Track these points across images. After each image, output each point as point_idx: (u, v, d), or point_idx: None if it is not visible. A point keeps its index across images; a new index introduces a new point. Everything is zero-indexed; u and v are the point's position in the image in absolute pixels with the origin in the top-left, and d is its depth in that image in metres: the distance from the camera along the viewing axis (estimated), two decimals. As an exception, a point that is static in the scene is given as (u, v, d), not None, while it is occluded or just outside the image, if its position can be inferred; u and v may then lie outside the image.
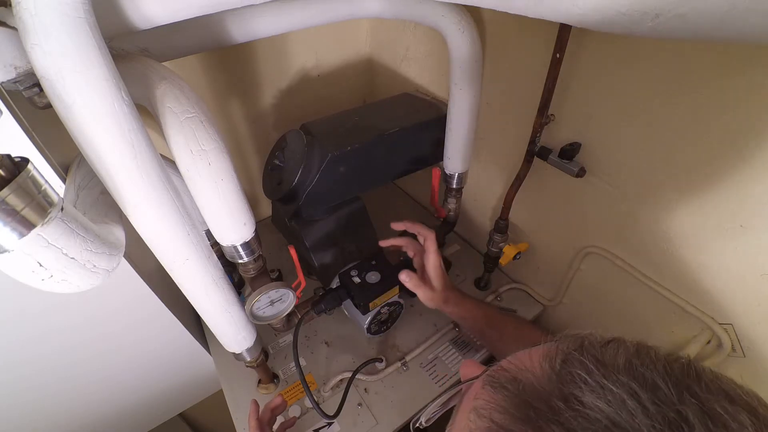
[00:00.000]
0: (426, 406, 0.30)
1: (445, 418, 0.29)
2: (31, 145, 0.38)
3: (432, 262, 0.63)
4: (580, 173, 0.57)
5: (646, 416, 0.18)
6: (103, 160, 0.30)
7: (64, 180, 0.41)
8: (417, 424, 0.31)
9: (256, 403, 0.56)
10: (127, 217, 0.35)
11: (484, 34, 0.64)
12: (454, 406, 0.28)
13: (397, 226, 0.67)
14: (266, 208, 1.03)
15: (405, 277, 0.63)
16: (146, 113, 0.37)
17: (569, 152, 0.57)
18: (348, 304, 0.69)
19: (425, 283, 0.64)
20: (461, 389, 0.28)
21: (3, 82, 0.32)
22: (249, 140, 0.91)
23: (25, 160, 0.25)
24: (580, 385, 0.20)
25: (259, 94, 0.86)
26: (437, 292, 0.63)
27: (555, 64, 0.53)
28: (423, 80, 0.83)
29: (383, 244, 0.69)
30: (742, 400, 0.19)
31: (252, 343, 0.58)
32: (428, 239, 0.64)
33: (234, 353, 0.58)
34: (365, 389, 0.68)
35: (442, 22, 0.54)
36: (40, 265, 0.27)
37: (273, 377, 0.69)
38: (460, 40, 0.56)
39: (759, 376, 0.51)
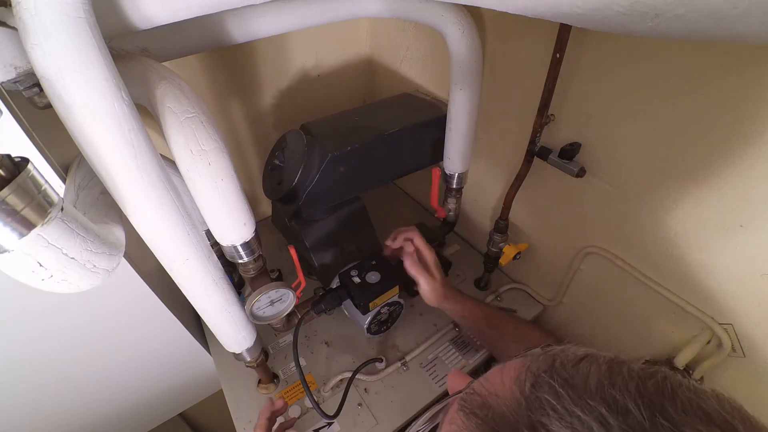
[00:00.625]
0: (414, 421, 0.30)
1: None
2: (31, 145, 0.38)
3: (427, 256, 0.65)
4: (580, 173, 0.57)
5: None
6: (103, 160, 0.30)
7: (64, 180, 0.41)
8: None
9: (271, 402, 0.56)
10: (127, 217, 0.35)
11: (484, 34, 0.64)
12: (439, 422, 0.28)
13: (391, 246, 0.69)
14: (266, 208, 1.03)
15: (408, 262, 0.64)
16: (146, 113, 0.37)
17: (569, 152, 0.57)
18: (348, 304, 0.69)
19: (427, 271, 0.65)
20: (448, 403, 0.28)
21: (3, 82, 0.32)
22: (249, 140, 0.91)
23: (25, 160, 0.25)
24: (548, 412, 0.19)
25: (259, 94, 0.86)
26: (438, 282, 0.64)
27: (555, 64, 0.53)
28: (423, 80, 0.83)
29: (386, 252, 0.71)
30: (720, 417, 0.18)
31: (252, 343, 0.58)
32: (414, 238, 0.66)
33: (234, 353, 0.58)
34: (365, 389, 0.68)
35: (441, 22, 0.54)
36: (40, 265, 0.27)
37: (273, 377, 0.69)
38: (460, 40, 0.56)
39: (759, 376, 0.51)
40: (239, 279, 0.77)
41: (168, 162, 0.43)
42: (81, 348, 0.65)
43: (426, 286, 0.64)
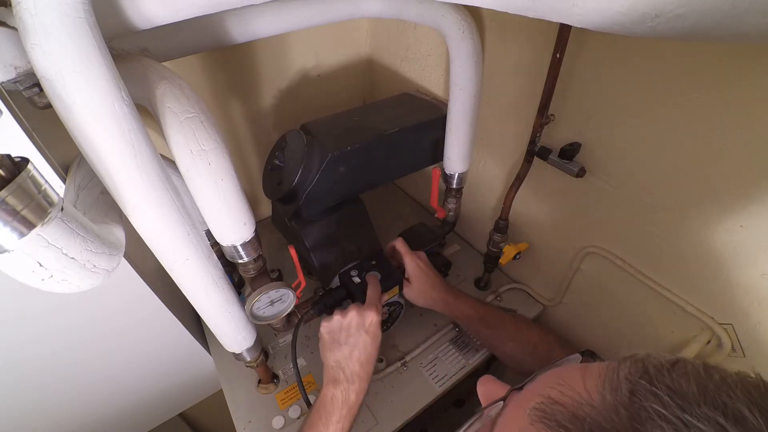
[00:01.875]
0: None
1: None
2: (31, 145, 0.38)
3: (406, 263, 0.67)
4: (580, 173, 0.57)
5: None
6: (103, 160, 0.30)
7: (64, 180, 0.41)
8: None
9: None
10: (127, 217, 0.35)
11: (484, 34, 0.64)
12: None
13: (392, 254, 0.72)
14: (266, 208, 1.03)
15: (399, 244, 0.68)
16: (146, 113, 0.37)
17: (569, 152, 0.57)
18: (348, 304, 0.69)
19: (406, 282, 0.67)
20: (483, 414, 0.26)
21: (3, 82, 0.32)
22: (249, 140, 0.91)
23: (25, 160, 0.25)
24: (660, 423, 0.17)
25: (259, 94, 0.86)
26: (414, 288, 0.66)
27: (555, 64, 0.53)
28: (423, 80, 0.83)
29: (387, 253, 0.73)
30: None
31: (252, 343, 0.58)
32: (396, 246, 0.69)
33: (234, 353, 0.58)
34: (365, 389, 0.68)
35: (442, 22, 0.54)
36: (40, 265, 0.27)
37: (273, 377, 0.70)
38: (460, 40, 0.56)
39: (759, 376, 0.51)
40: (239, 279, 0.77)
41: (168, 162, 0.43)
42: (81, 348, 0.65)
43: (405, 293, 0.67)
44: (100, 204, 0.39)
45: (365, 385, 0.54)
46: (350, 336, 0.54)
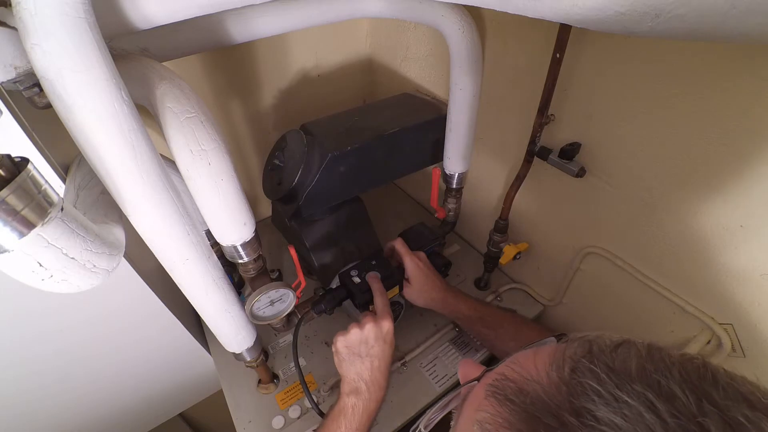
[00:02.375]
0: (425, 412, 0.29)
1: (445, 422, 0.28)
2: (31, 145, 0.38)
3: (406, 263, 0.68)
4: (580, 173, 0.57)
5: (666, 431, 0.17)
6: (103, 160, 0.30)
7: (64, 180, 0.41)
8: (416, 431, 0.30)
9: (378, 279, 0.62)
10: (127, 217, 0.35)
11: (484, 34, 0.64)
12: (453, 409, 0.28)
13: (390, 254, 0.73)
14: (266, 208, 1.03)
15: (398, 244, 0.69)
16: (146, 113, 0.37)
17: (569, 152, 0.57)
18: (348, 304, 0.69)
19: (406, 283, 0.68)
20: (460, 392, 0.27)
21: (3, 82, 0.32)
22: (249, 140, 0.91)
23: (25, 160, 0.25)
24: (593, 397, 0.19)
25: (259, 94, 0.86)
26: (413, 288, 0.67)
27: (555, 64, 0.53)
28: (423, 80, 0.83)
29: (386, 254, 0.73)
30: (761, 404, 0.18)
31: (252, 343, 0.58)
32: (395, 246, 0.69)
33: (234, 353, 0.58)
34: (365, 389, 0.68)
35: (442, 22, 0.54)
36: (40, 265, 0.27)
37: (273, 377, 0.70)
38: (460, 40, 0.56)
39: (759, 376, 0.51)
40: (239, 279, 0.77)
41: (168, 162, 0.43)
42: (81, 348, 0.65)
43: (405, 293, 0.67)
44: (100, 204, 0.39)
45: (384, 393, 0.55)
46: (370, 347, 0.55)
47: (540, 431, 0.19)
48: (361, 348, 0.54)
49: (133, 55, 0.39)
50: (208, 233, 0.47)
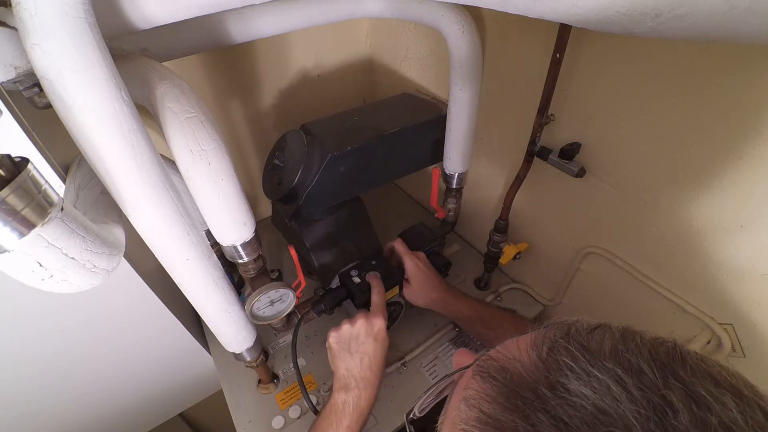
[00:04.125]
0: (420, 396, 0.30)
1: (439, 408, 0.29)
2: (31, 145, 0.38)
3: (405, 263, 0.68)
4: (580, 173, 0.57)
5: (631, 402, 0.18)
6: (103, 160, 0.30)
7: (64, 180, 0.41)
8: (411, 415, 0.31)
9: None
10: (127, 217, 0.35)
11: (484, 34, 0.64)
12: (448, 395, 0.29)
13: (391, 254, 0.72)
14: (266, 208, 1.03)
15: (398, 244, 0.69)
16: (146, 113, 0.37)
17: (569, 152, 0.57)
18: (348, 304, 0.69)
19: (406, 283, 0.68)
20: (454, 379, 0.28)
21: (3, 82, 0.32)
22: (249, 140, 0.91)
23: (25, 160, 0.25)
24: (566, 372, 0.20)
25: (259, 94, 0.86)
26: (413, 289, 0.67)
27: (555, 64, 0.53)
28: (423, 80, 0.83)
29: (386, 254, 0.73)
30: (726, 382, 0.19)
31: (252, 343, 0.58)
32: (395, 247, 0.69)
33: (234, 353, 0.58)
34: (365, 389, 0.68)
35: (442, 22, 0.54)
36: (40, 265, 0.27)
37: (273, 377, 0.70)
38: (460, 40, 0.56)
39: (759, 376, 0.51)
40: (239, 279, 0.77)
41: (168, 162, 0.43)
42: (81, 348, 0.65)
43: (405, 294, 0.67)
44: (100, 204, 0.39)
45: (376, 392, 0.55)
46: (360, 344, 0.55)
47: (517, 403, 0.20)
48: (351, 343, 0.55)
49: (133, 55, 0.39)
50: (208, 233, 0.47)
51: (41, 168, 0.33)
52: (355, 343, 0.55)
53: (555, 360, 0.21)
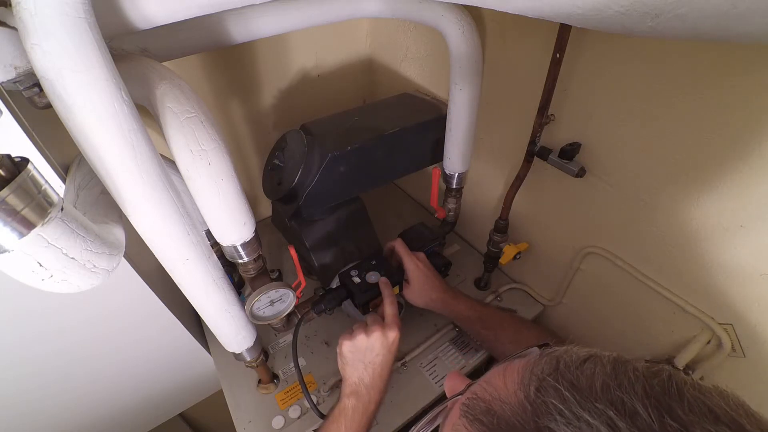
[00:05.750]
0: (417, 420, 0.29)
1: None
2: (31, 145, 0.38)
3: (405, 264, 0.68)
4: (580, 173, 0.57)
5: None
6: (103, 160, 0.30)
7: (64, 180, 0.41)
8: None
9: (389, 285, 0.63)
10: (127, 217, 0.35)
11: (484, 34, 0.64)
12: (440, 424, 0.28)
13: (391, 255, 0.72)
14: (266, 208, 1.03)
15: (397, 245, 0.69)
16: (146, 113, 0.37)
17: (569, 152, 0.57)
18: (348, 304, 0.69)
19: (406, 284, 0.68)
20: (447, 406, 0.28)
21: (3, 82, 0.32)
22: (249, 140, 0.91)
23: (25, 160, 0.25)
24: (555, 416, 0.19)
25: (259, 94, 0.86)
26: (413, 289, 0.67)
27: (555, 64, 0.53)
28: (423, 80, 0.83)
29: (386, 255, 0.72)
30: (727, 416, 0.18)
31: (252, 343, 0.58)
32: (395, 247, 0.69)
33: (234, 353, 0.58)
34: (365, 389, 0.68)
35: (442, 22, 0.54)
36: (40, 265, 0.27)
37: (273, 377, 0.69)
38: (460, 40, 0.56)
39: (759, 376, 0.51)
40: (239, 279, 0.77)
41: (168, 162, 0.43)
42: (81, 348, 0.65)
43: (405, 294, 0.67)
44: (100, 204, 0.39)
45: (383, 397, 0.56)
46: (375, 356, 0.55)
47: None
48: (366, 354, 0.55)
49: (133, 55, 0.39)
50: (208, 233, 0.47)
51: (41, 168, 0.33)
52: (370, 354, 0.55)
53: (543, 402, 0.20)
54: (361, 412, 0.53)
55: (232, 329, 0.53)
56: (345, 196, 0.74)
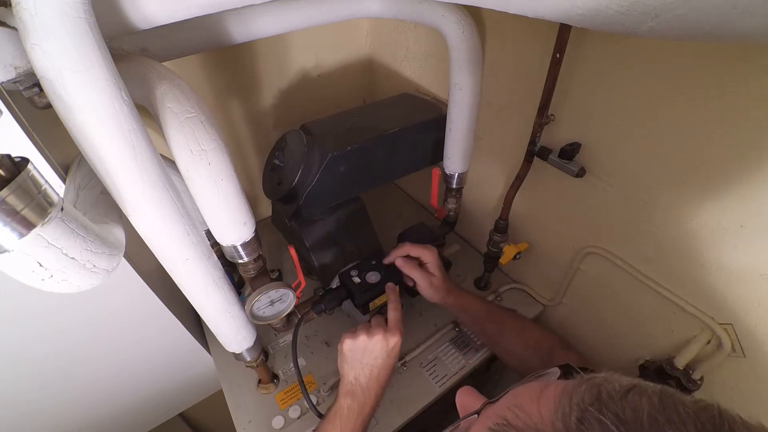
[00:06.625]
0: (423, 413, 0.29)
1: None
2: (31, 145, 0.38)
3: (423, 256, 0.66)
4: (580, 173, 0.57)
5: None
6: (103, 160, 0.30)
7: (64, 180, 0.41)
8: None
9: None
10: (127, 217, 0.35)
11: (484, 34, 0.64)
12: None
13: (397, 259, 0.68)
14: (266, 208, 1.03)
15: (401, 263, 0.66)
16: (146, 113, 0.37)
17: (569, 152, 0.57)
18: (348, 304, 0.69)
19: (431, 276, 0.66)
20: (460, 425, 0.26)
21: (3, 82, 0.32)
22: (249, 140, 0.91)
23: (25, 160, 0.25)
24: None
25: (259, 94, 0.86)
26: (438, 278, 0.65)
27: (555, 64, 0.53)
28: (423, 80, 0.83)
29: (387, 261, 0.70)
30: None
31: (252, 343, 0.58)
32: (408, 249, 0.67)
33: (234, 353, 0.58)
34: (365, 389, 0.68)
35: (442, 22, 0.54)
36: (40, 265, 0.27)
37: (273, 377, 0.69)
38: (460, 40, 0.56)
39: (759, 376, 0.51)
40: (239, 279, 0.77)
41: (168, 162, 0.43)
42: (81, 348, 0.65)
43: (423, 283, 0.65)
44: (100, 204, 0.39)
45: (380, 399, 0.55)
46: (374, 358, 0.55)
47: None
48: (365, 356, 0.55)
49: (133, 55, 0.39)
50: (208, 233, 0.47)
51: (41, 168, 0.33)
52: (369, 356, 0.55)
53: None
54: (356, 412, 0.53)
55: (232, 329, 0.53)
56: (345, 196, 0.74)
